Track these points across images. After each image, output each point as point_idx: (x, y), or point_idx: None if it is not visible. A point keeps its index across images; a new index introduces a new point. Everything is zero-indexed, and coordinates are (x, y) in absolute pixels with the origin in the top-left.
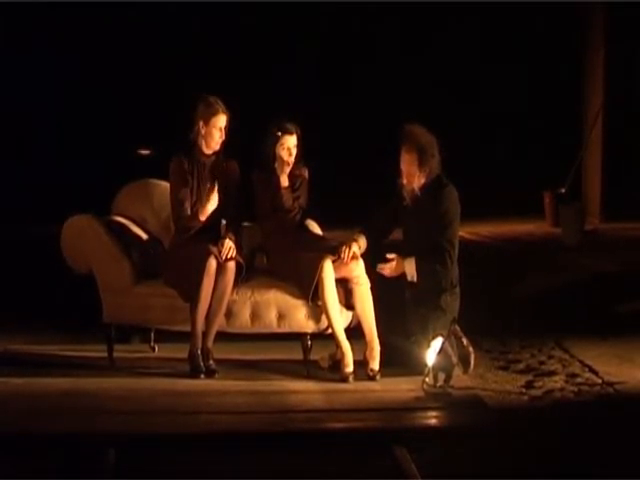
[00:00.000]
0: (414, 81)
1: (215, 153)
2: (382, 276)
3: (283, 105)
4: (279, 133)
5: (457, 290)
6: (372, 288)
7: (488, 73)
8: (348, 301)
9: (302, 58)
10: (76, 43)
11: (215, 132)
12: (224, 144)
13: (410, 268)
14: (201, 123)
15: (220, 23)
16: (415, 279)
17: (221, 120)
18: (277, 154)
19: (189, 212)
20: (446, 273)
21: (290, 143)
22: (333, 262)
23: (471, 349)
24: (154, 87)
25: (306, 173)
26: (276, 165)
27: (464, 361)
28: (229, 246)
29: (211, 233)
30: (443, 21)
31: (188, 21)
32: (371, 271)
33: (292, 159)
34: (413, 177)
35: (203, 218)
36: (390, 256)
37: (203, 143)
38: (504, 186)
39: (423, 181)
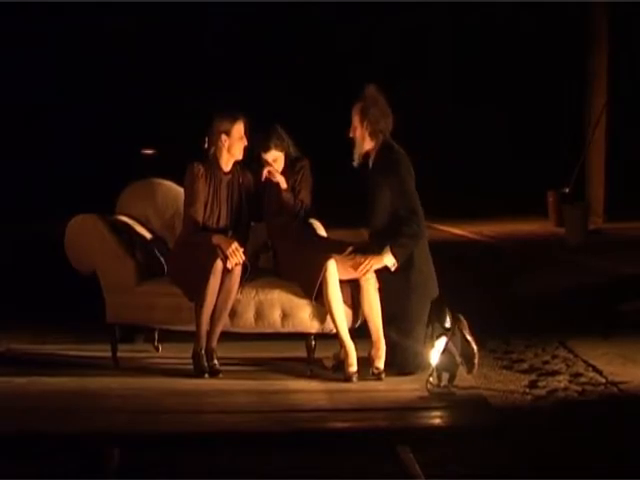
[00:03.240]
0: (416, 79)
1: (233, 168)
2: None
3: (285, 104)
4: (260, 152)
5: (427, 269)
6: (379, 288)
7: (489, 72)
8: (353, 301)
9: (308, 55)
10: (80, 44)
11: (238, 141)
12: (246, 150)
13: (389, 258)
14: (223, 137)
15: (221, 25)
16: (396, 265)
17: (241, 128)
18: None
19: (199, 228)
20: (418, 231)
21: (269, 157)
22: (344, 263)
23: (476, 350)
24: (158, 87)
25: (306, 163)
26: (266, 174)
27: (468, 361)
28: (236, 248)
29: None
30: (444, 19)
31: (189, 22)
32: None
33: (279, 165)
34: (357, 131)
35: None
36: (362, 259)
37: (225, 156)
38: (507, 186)
39: (371, 144)
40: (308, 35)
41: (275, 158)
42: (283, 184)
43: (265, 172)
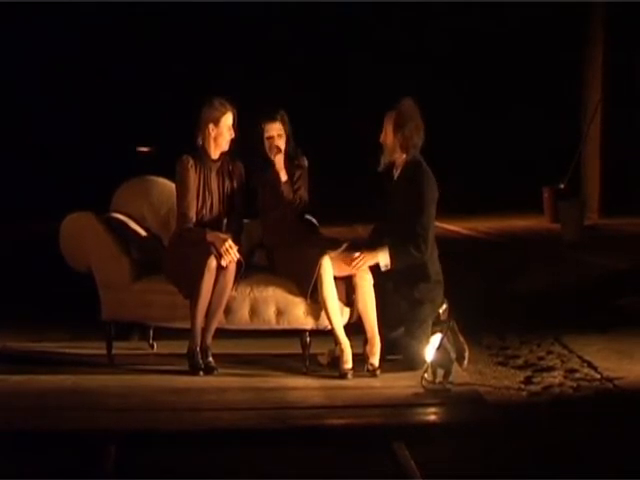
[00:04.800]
0: (415, 74)
1: (222, 156)
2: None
3: (282, 98)
4: (262, 124)
5: (435, 282)
6: (374, 285)
7: (486, 70)
8: (348, 298)
9: (304, 52)
10: (76, 41)
11: (226, 131)
12: (233, 142)
13: (384, 257)
14: (211, 126)
15: (220, 23)
16: (389, 267)
17: (230, 118)
18: (266, 146)
19: (193, 221)
20: (420, 256)
21: (273, 131)
22: (339, 259)
23: (465, 346)
24: (154, 85)
25: (305, 162)
26: (273, 159)
27: (459, 356)
28: (230, 246)
29: (213, 230)
30: (443, 19)
31: (188, 20)
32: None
33: (281, 144)
34: (389, 139)
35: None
36: (356, 255)
37: (212, 146)
38: (503, 182)
39: (401, 156)
40: (308, 35)
41: (280, 133)
42: (284, 176)
43: (275, 149)
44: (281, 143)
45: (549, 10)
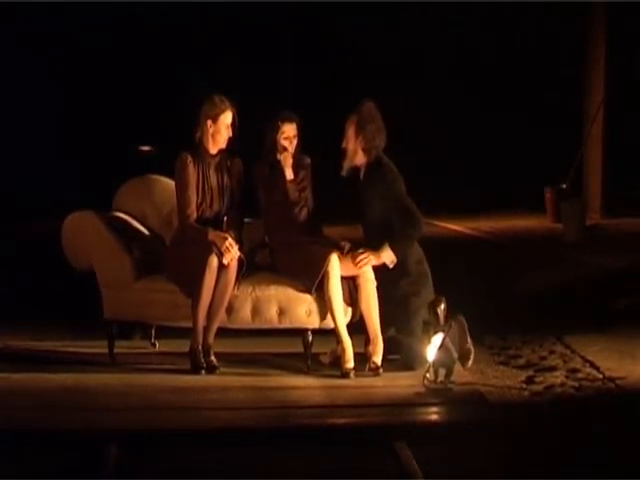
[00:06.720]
0: (415, 71)
1: (220, 152)
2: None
3: (284, 99)
4: (279, 123)
5: (418, 275)
6: (377, 286)
7: (488, 70)
8: (351, 298)
9: (304, 51)
10: (77, 39)
11: (223, 129)
12: (231, 140)
13: (387, 255)
14: (209, 122)
15: (220, 20)
16: (395, 261)
17: (229, 117)
18: (279, 144)
19: (194, 217)
20: (420, 232)
21: (291, 132)
22: (343, 260)
23: (471, 348)
24: (155, 83)
25: (308, 161)
26: (279, 157)
27: (463, 357)
28: (230, 245)
29: (213, 229)
30: (444, 18)
31: (187, 19)
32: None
33: (293, 147)
34: (351, 143)
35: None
36: (360, 251)
37: (210, 142)
38: (506, 182)
39: (363, 159)
40: (308, 34)
41: (295, 134)
42: (290, 175)
43: (287, 148)
44: (294, 144)
45: (549, 10)
